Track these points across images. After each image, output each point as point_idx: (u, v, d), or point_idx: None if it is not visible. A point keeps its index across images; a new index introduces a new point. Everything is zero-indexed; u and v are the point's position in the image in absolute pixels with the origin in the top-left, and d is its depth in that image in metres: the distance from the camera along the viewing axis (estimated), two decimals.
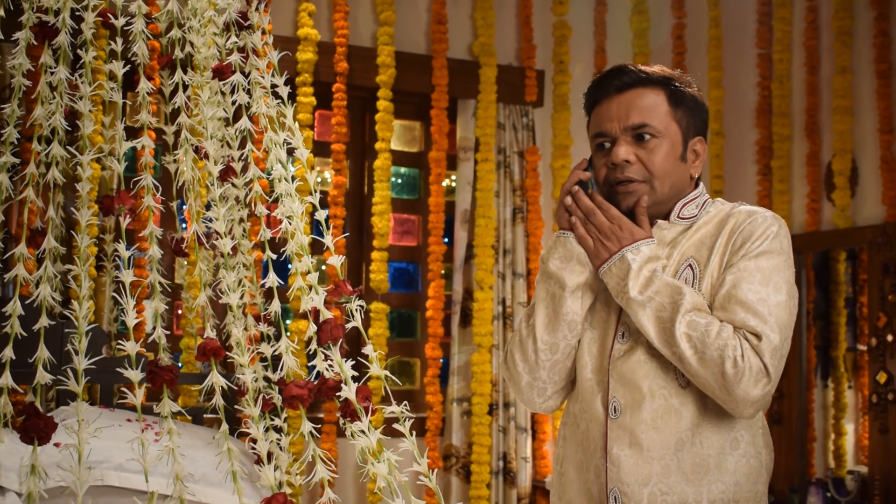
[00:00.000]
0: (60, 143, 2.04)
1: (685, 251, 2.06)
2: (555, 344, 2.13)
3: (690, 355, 1.90)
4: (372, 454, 1.80)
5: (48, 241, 1.85)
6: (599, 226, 2.05)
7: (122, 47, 2.13)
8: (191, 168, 2.08)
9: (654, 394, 1.99)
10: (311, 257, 2.04)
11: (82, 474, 1.62)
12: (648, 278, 1.98)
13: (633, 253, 2.01)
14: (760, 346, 1.87)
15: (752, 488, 1.99)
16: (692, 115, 2.11)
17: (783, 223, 2.04)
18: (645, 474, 1.97)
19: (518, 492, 4.45)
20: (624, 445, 1.99)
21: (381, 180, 4.34)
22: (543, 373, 2.15)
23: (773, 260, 1.96)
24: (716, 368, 1.88)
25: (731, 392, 1.88)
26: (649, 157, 2.05)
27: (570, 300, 2.09)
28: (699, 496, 1.94)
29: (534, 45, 4.77)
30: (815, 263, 4.61)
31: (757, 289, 1.93)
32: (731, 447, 1.98)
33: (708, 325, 1.90)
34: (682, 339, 1.91)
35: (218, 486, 2.72)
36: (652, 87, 2.09)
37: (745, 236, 1.99)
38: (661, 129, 2.05)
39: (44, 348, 1.75)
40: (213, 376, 1.81)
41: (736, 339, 1.88)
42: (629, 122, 2.06)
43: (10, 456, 2.55)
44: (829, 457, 4.55)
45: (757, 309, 1.91)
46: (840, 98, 4.34)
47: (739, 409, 1.91)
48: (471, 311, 4.50)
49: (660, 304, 1.95)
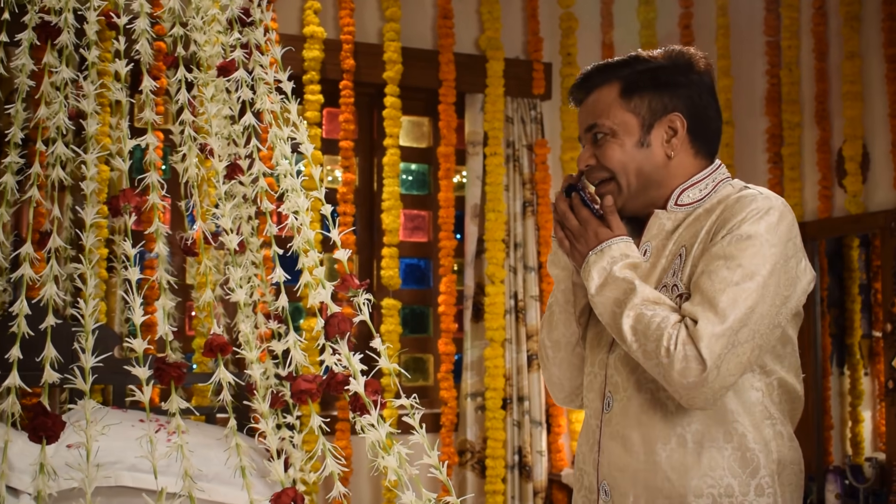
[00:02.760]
0: (65, 143, 2.04)
1: (680, 239, 1.99)
2: (557, 342, 2.17)
3: (636, 348, 1.85)
4: (382, 448, 1.80)
5: (53, 241, 1.85)
6: (572, 229, 2.05)
7: (124, 46, 2.13)
8: (195, 165, 2.07)
9: (641, 387, 1.96)
10: (319, 253, 2.03)
11: (90, 473, 1.62)
12: (605, 277, 1.95)
13: (596, 255, 1.99)
14: (696, 332, 1.77)
15: (748, 482, 1.89)
16: (658, 95, 2.02)
17: (781, 207, 1.90)
18: (632, 468, 1.94)
19: (534, 486, 4.44)
20: (614, 440, 1.98)
21: (390, 176, 4.34)
22: (555, 370, 2.20)
23: (749, 244, 1.84)
24: (655, 359, 1.82)
25: (669, 381, 1.81)
26: (603, 155, 2.04)
27: (561, 299, 2.15)
28: (684, 490, 1.88)
29: (541, 38, 4.76)
30: (829, 251, 4.59)
31: (722, 275, 1.82)
32: (724, 440, 1.90)
33: (653, 316, 1.84)
34: (628, 332, 1.86)
35: (231, 485, 2.73)
36: (607, 84, 2.05)
37: (725, 219, 1.90)
38: (609, 124, 2.02)
39: (51, 347, 1.75)
40: (220, 372, 1.81)
41: (675, 329, 1.80)
42: (585, 123, 2.07)
43: (23, 457, 2.56)
44: (846, 444, 4.53)
45: (709, 294, 1.81)
46: (849, 83, 4.31)
47: (684, 399, 1.83)
48: (483, 305, 4.49)
49: (613, 300, 1.91)
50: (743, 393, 1.92)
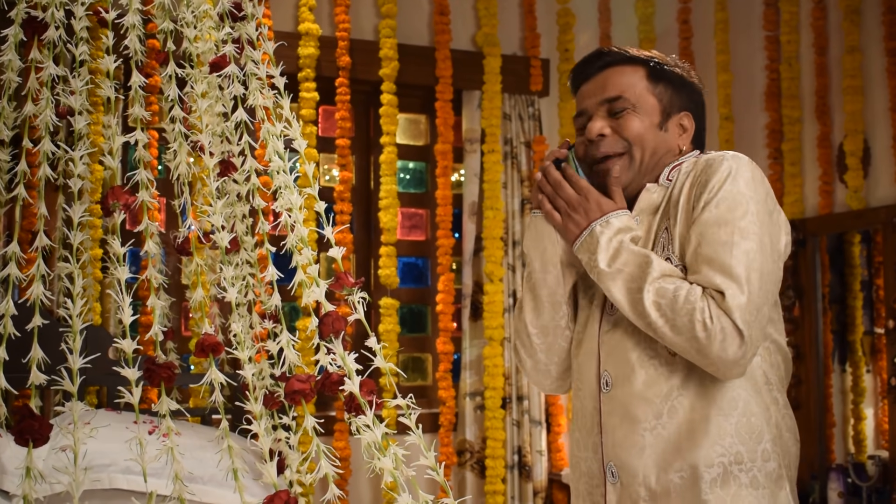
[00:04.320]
0: (55, 141, 2.01)
1: (664, 213, 2.01)
2: (544, 326, 2.11)
3: (662, 324, 1.84)
4: (378, 449, 1.76)
5: (40, 239, 1.82)
6: (567, 199, 2.01)
7: (113, 42, 2.09)
8: (185, 161, 2.04)
9: (642, 364, 1.94)
10: (313, 251, 2.00)
11: (78, 476, 1.59)
12: (616, 250, 1.93)
13: (601, 226, 1.96)
14: (727, 304, 1.78)
15: (754, 447, 1.90)
16: (677, 92, 2.07)
17: (746, 162, 1.93)
18: (639, 446, 1.92)
19: (534, 486, 4.40)
20: (617, 419, 1.96)
21: (387, 174, 4.31)
22: (542, 356, 2.15)
23: (734, 204, 1.86)
24: (688, 334, 1.81)
25: (707, 356, 1.81)
26: (624, 126, 2.01)
27: (548, 280, 2.07)
28: (695, 462, 1.88)
29: (538, 34, 4.73)
30: (830, 247, 4.56)
31: (722, 240, 1.83)
32: (730, 407, 1.90)
33: (676, 290, 1.82)
34: (651, 307, 1.84)
35: (226, 487, 2.69)
36: (632, 65, 2.06)
37: (701, 186, 1.91)
38: (635, 101, 2.02)
39: (37, 348, 1.71)
40: (212, 372, 1.77)
41: (703, 301, 1.80)
42: (604, 95, 2.04)
43: (16, 460, 2.53)
44: (848, 442, 4.49)
45: (721, 262, 1.82)
46: (850, 78, 4.28)
47: (721, 372, 1.85)
48: (481, 304, 4.46)
49: (628, 275, 1.89)
50: None
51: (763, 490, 1.90)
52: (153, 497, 1.67)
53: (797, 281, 4.52)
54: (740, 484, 1.89)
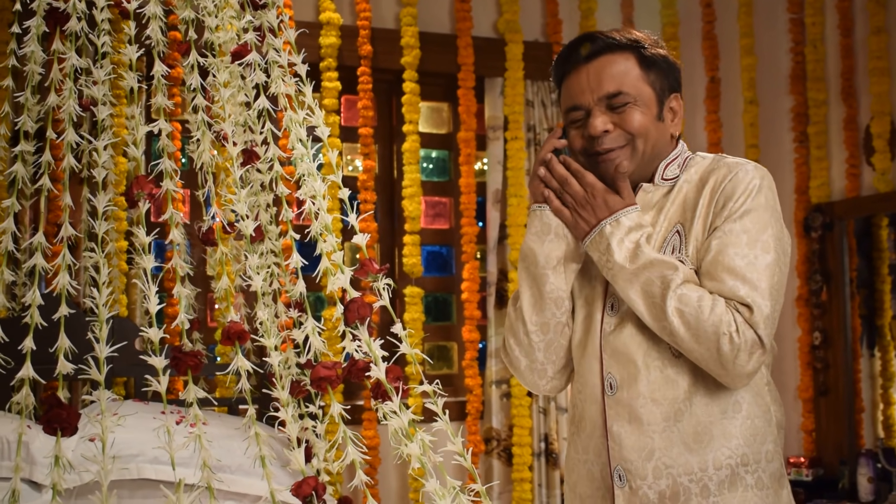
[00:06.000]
0: (78, 133, 2.01)
1: (671, 216, 2.00)
2: (545, 324, 2.07)
3: (684, 332, 1.84)
4: (405, 435, 1.76)
5: (65, 230, 1.82)
6: (574, 195, 1.98)
7: (135, 32, 2.10)
8: (208, 150, 2.04)
9: (648, 366, 1.94)
10: (337, 238, 2.00)
11: (106, 465, 1.59)
12: (632, 251, 1.92)
13: (612, 226, 1.94)
14: (753, 318, 1.82)
15: (759, 449, 1.93)
16: (665, 75, 2.04)
17: (766, 174, 1.96)
18: (647, 448, 1.92)
19: (561, 473, 4.39)
20: (624, 422, 1.95)
21: (411, 163, 4.30)
22: (539, 354, 2.09)
23: (758, 218, 1.89)
24: (711, 345, 1.83)
25: (726, 367, 1.83)
26: (627, 120, 1.98)
27: (552, 276, 2.03)
28: (704, 464, 1.89)
29: (560, 20, 4.70)
30: (857, 231, 4.51)
31: (744, 252, 1.86)
32: (734, 410, 1.92)
33: (700, 299, 1.84)
34: (673, 315, 1.84)
35: (254, 475, 2.70)
36: (621, 52, 2.01)
37: (727, 195, 1.92)
38: (634, 94, 1.98)
39: (64, 337, 1.71)
40: (239, 360, 1.77)
41: (729, 314, 1.82)
42: (602, 91, 1.99)
43: (45, 451, 2.55)
44: (878, 427, 4.46)
45: (746, 275, 1.84)
46: (876, 59, 4.24)
47: (734, 383, 1.88)
48: (506, 291, 4.45)
49: (648, 280, 1.88)
50: None
51: (767, 490, 1.93)
52: (181, 485, 1.68)
53: (824, 265, 4.49)
54: (746, 485, 1.91)
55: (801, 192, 4.59)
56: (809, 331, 4.53)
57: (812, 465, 4.42)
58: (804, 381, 4.53)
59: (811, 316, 4.53)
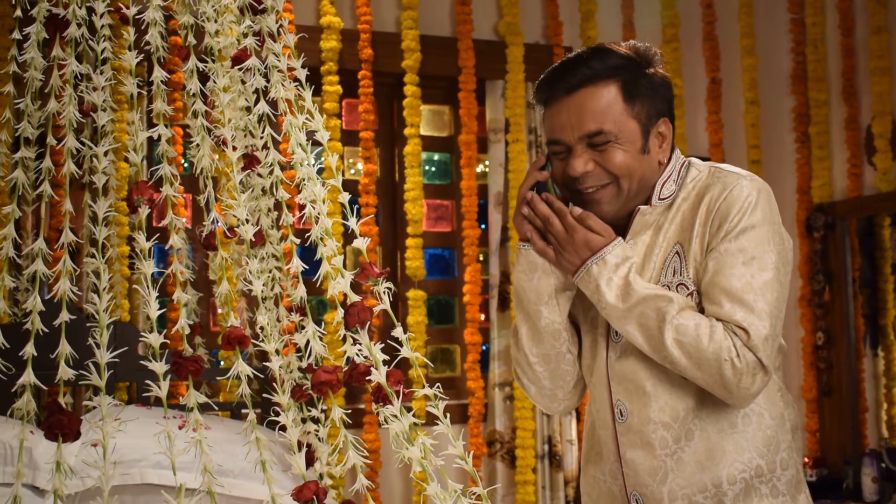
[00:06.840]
0: (78, 139, 2.02)
1: (670, 236, 1.97)
2: (546, 355, 2.07)
3: (685, 362, 1.84)
4: (406, 439, 1.76)
5: (66, 235, 1.82)
6: (557, 235, 1.95)
7: (134, 37, 2.10)
8: (208, 155, 2.04)
9: (656, 390, 1.94)
10: (338, 242, 2.00)
11: (108, 470, 1.59)
12: (622, 288, 1.89)
13: (598, 265, 1.91)
14: (752, 342, 1.81)
15: (773, 459, 1.93)
16: (651, 101, 1.96)
17: (763, 186, 1.92)
18: (661, 472, 1.93)
19: (564, 475, 4.39)
20: (636, 448, 1.96)
21: (412, 166, 4.30)
22: (546, 382, 2.11)
23: (755, 235, 1.87)
24: (713, 371, 1.82)
25: (731, 391, 1.83)
26: (608, 160, 1.92)
27: (545, 311, 2.02)
28: (717, 480, 1.90)
29: (560, 22, 4.70)
30: (860, 230, 4.52)
31: (741, 272, 1.84)
32: (744, 424, 1.92)
33: (697, 327, 1.83)
34: (672, 346, 1.83)
35: (255, 480, 2.70)
36: (603, 83, 1.92)
37: (722, 215, 1.89)
38: (616, 131, 1.92)
39: (65, 343, 1.72)
40: (238, 364, 1.78)
41: (728, 339, 1.81)
42: (583, 130, 1.92)
43: (47, 457, 2.55)
44: (881, 427, 4.46)
45: (742, 297, 1.83)
46: (877, 59, 4.24)
47: (740, 404, 1.88)
48: (509, 294, 4.45)
49: (642, 314, 1.87)
50: None
51: (783, 497, 1.93)
52: (182, 490, 1.68)
53: (827, 265, 4.49)
54: (761, 495, 1.92)
55: (803, 193, 4.59)
56: (812, 331, 4.53)
57: (816, 465, 4.42)
58: (808, 381, 4.53)
59: (814, 316, 4.53)
